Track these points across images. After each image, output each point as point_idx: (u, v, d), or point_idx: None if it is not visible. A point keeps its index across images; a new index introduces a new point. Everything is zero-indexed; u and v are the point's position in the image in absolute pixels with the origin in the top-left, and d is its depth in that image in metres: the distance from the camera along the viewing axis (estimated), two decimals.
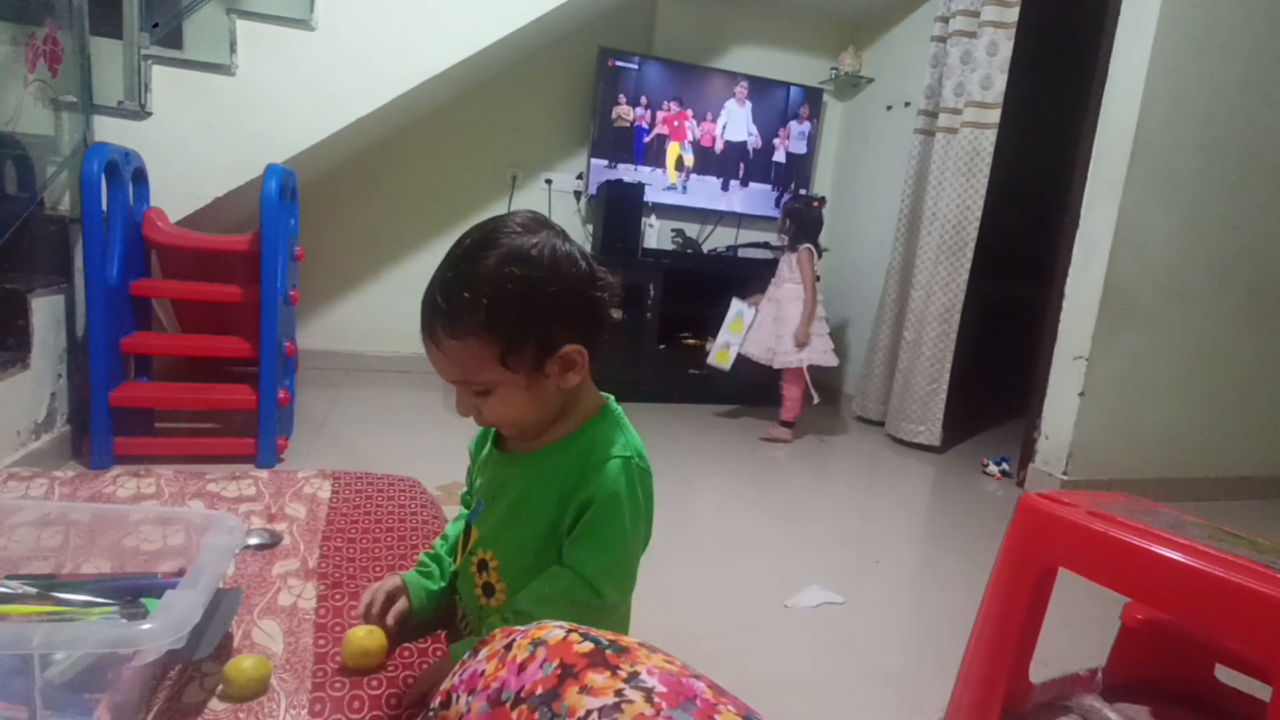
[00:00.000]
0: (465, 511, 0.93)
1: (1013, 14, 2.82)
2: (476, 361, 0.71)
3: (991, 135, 2.89)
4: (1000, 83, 2.85)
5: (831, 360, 3.01)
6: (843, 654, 1.53)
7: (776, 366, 3.01)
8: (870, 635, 1.61)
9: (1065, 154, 2.73)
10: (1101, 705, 1.38)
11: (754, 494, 2.53)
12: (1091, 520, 1.13)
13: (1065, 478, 2.57)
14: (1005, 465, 2.86)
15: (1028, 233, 4.19)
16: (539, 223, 0.75)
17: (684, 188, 3.68)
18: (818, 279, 3.00)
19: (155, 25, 2.23)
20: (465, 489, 0.95)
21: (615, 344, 3.18)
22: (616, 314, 3.24)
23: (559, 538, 0.77)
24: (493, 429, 0.86)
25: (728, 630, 1.57)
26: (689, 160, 3.65)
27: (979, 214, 2.95)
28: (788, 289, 3.00)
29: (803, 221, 3.03)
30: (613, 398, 0.84)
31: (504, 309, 0.69)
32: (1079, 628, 1.61)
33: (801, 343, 2.95)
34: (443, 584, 0.89)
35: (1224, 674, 1.40)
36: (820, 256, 3.03)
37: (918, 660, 1.55)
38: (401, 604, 0.85)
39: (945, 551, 2.16)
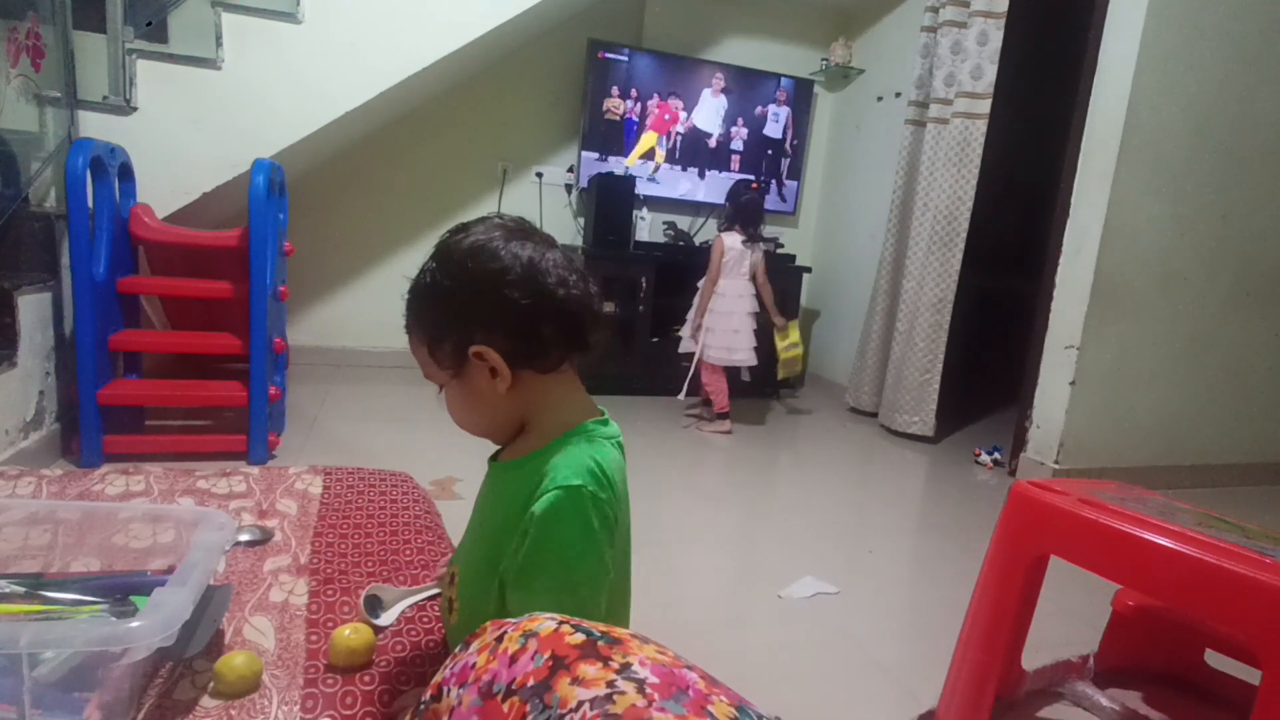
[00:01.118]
0: None
1: (1003, 3, 2.82)
2: (419, 354, 0.76)
3: (982, 125, 2.89)
4: (991, 73, 2.85)
5: (750, 360, 2.93)
6: (837, 643, 1.53)
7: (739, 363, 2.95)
8: (864, 624, 1.62)
9: (1056, 144, 2.73)
10: (1093, 691, 1.39)
11: (746, 485, 2.54)
12: (1082, 508, 1.13)
13: (1057, 466, 2.59)
14: (997, 455, 2.88)
15: (1019, 223, 4.20)
16: (491, 223, 0.75)
17: (678, 176, 3.65)
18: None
19: (149, 24, 2.20)
20: None
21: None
22: (608, 306, 3.22)
23: (505, 560, 0.71)
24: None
25: (721, 621, 1.57)
26: (660, 154, 3.63)
27: (970, 204, 2.96)
28: (742, 284, 2.92)
29: (737, 204, 2.94)
30: (603, 414, 0.78)
31: (421, 305, 0.74)
32: (1071, 614, 1.62)
33: (695, 328, 2.92)
34: None
35: (1214, 659, 1.42)
36: (753, 242, 2.90)
37: (911, 649, 1.56)
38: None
39: (938, 541, 2.17)
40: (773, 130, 3.79)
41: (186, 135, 2.27)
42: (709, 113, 3.68)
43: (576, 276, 0.73)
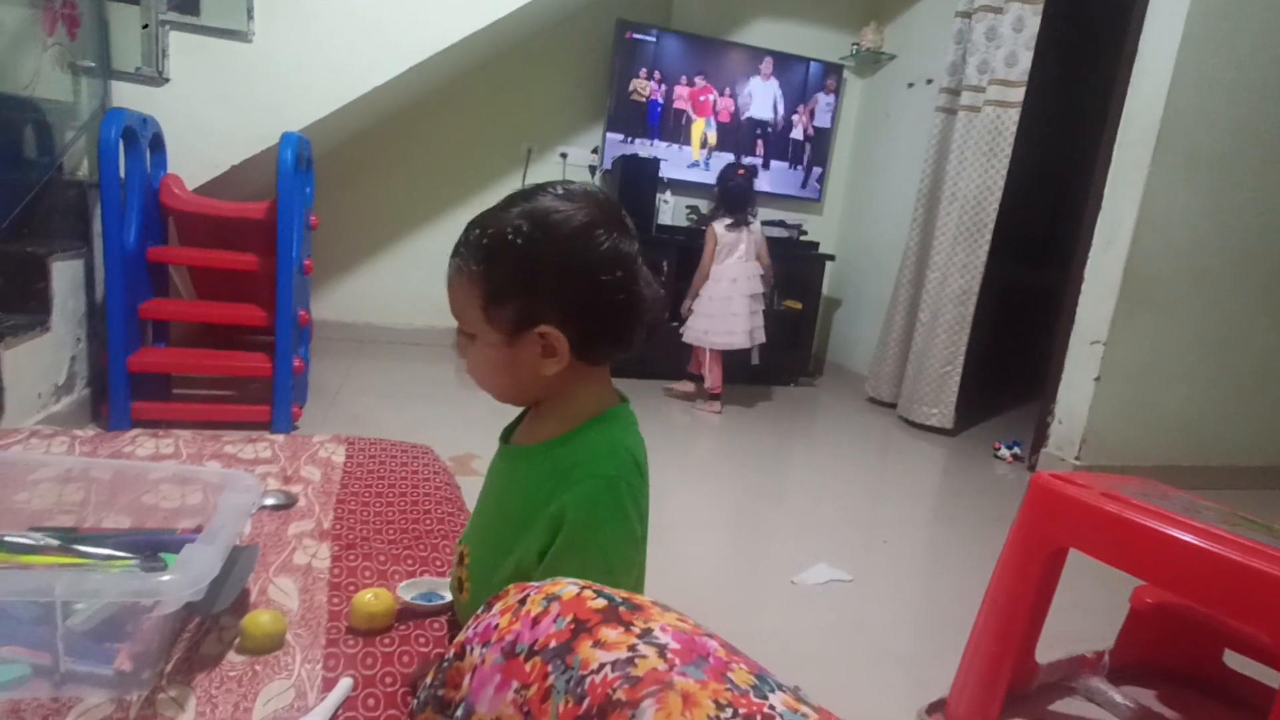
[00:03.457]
0: None
1: None
2: (465, 301, 0.70)
3: (1015, 114, 2.83)
4: (1026, 60, 2.79)
5: (745, 342, 2.96)
6: (849, 631, 1.53)
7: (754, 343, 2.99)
8: (877, 613, 1.62)
9: (1090, 134, 2.68)
10: (1107, 687, 1.38)
11: (762, 472, 2.54)
12: (1105, 501, 1.12)
13: (1078, 462, 2.56)
14: (1017, 449, 2.85)
15: (1048, 214, 4.13)
16: (590, 199, 0.70)
17: (707, 164, 3.64)
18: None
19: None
20: None
21: None
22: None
23: (522, 545, 0.70)
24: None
25: (734, 604, 1.58)
26: (713, 138, 3.61)
27: (999, 194, 2.91)
28: (751, 266, 2.94)
29: (725, 190, 2.95)
30: (628, 402, 0.77)
31: (497, 259, 0.67)
32: (1087, 610, 1.61)
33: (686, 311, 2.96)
34: None
35: (1233, 659, 1.40)
36: (741, 226, 2.91)
37: (923, 638, 1.56)
38: None
39: (954, 533, 2.16)
40: (823, 121, 3.78)
41: (217, 108, 2.29)
42: (764, 98, 3.65)
43: (653, 278, 0.73)
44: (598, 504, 0.67)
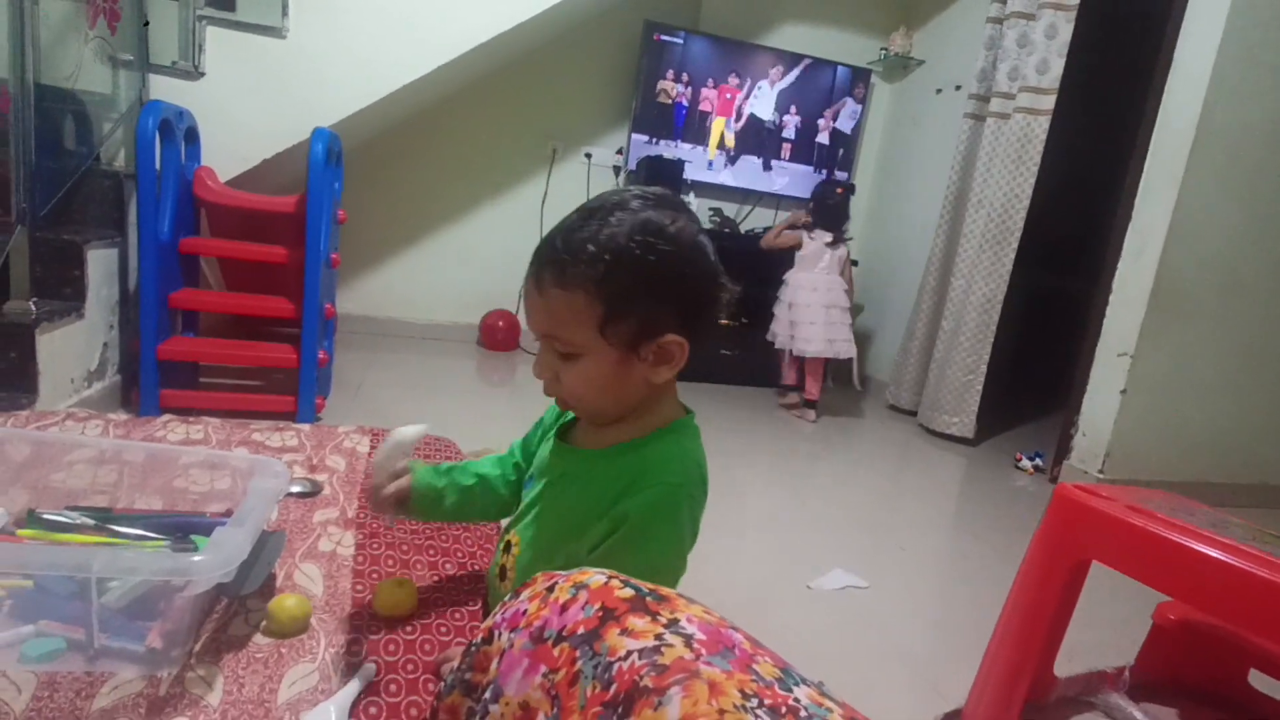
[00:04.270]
0: (509, 453, 0.91)
1: None
2: (575, 319, 0.67)
3: (1045, 122, 2.80)
4: (1058, 67, 2.76)
5: (825, 351, 3.04)
6: (864, 637, 1.53)
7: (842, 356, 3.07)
8: (892, 620, 1.61)
9: (1121, 141, 2.64)
10: (1127, 704, 1.36)
11: (780, 477, 2.53)
12: (1130, 514, 1.11)
13: (1101, 475, 2.52)
14: (1039, 461, 2.81)
15: (1077, 222, 4.07)
16: (676, 204, 0.71)
17: (724, 164, 3.64)
18: (855, 263, 2.98)
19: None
20: (524, 440, 0.91)
21: None
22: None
23: (577, 545, 0.72)
24: (564, 414, 0.82)
25: (749, 607, 1.58)
26: (730, 140, 3.61)
27: (1026, 202, 2.88)
28: (834, 279, 3.03)
29: (823, 205, 3.05)
30: (693, 414, 0.79)
31: (622, 273, 0.66)
32: (1109, 624, 1.59)
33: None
34: (446, 484, 0.86)
35: (1258, 679, 1.38)
36: (839, 243, 3.05)
37: (939, 647, 1.54)
38: (404, 483, 0.82)
39: (973, 543, 2.14)
40: (845, 125, 3.76)
41: (250, 102, 2.33)
42: (765, 101, 3.64)
43: None
44: (658, 510, 0.68)
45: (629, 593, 0.45)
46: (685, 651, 0.40)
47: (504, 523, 0.88)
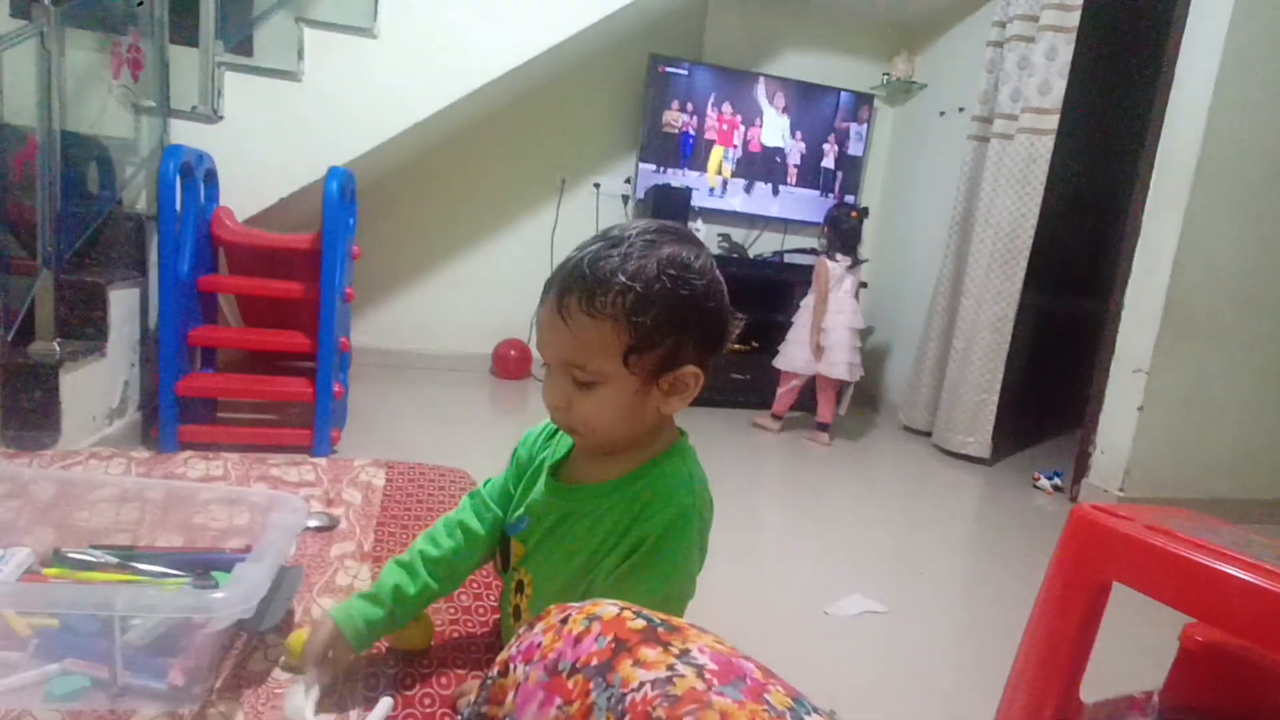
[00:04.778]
0: (473, 502, 0.87)
1: (1074, 18, 2.75)
2: (600, 347, 0.67)
3: (1049, 141, 2.82)
4: (1059, 88, 2.78)
5: (846, 374, 3.03)
6: (884, 664, 1.51)
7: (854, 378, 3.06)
8: (913, 646, 1.58)
9: (1127, 160, 2.66)
10: None
11: (795, 500, 2.52)
12: (1150, 534, 1.09)
13: (1122, 494, 2.49)
14: (1058, 480, 2.78)
15: (1085, 241, 4.07)
16: (693, 239, 0.73)
17: (737, 190, 3.68)
18: (864, 285, 2.99)
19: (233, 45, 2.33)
20: (501, 482, 0.87)
21: None
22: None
23: (593, 577, 0.72)
24: (548, 454, 0.81)
25: (766, 634, 1.56)
26: (728, 170, 3.65)
27: (1034, 221, 2.88)
28: (854, 302, 3.04)
29: (839, 230, 3.05)
30: (686, 435, 0.80)
31: (652, 305, 0.66)
32: (1135, 647, 1.56)
33: (815, 349, 3.01)
34: (399, 600, 0.78)
35: None
36: (855, 266, 3.05)
37: (961, 673, 1.52)
38: (340, 652, 0.76)
39: (993, 564, 2.11)
40: (855, 149, 3.80)
41: (267, 143, 2.39)
42: (774, 128, 3.69)
43: None
44: (672, 531, 0.70)
45: (640, 624, 0.45)
46: (697, 682, 0.40)
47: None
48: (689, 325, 0.69)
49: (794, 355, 3.08)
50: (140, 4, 2.11)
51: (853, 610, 1.68)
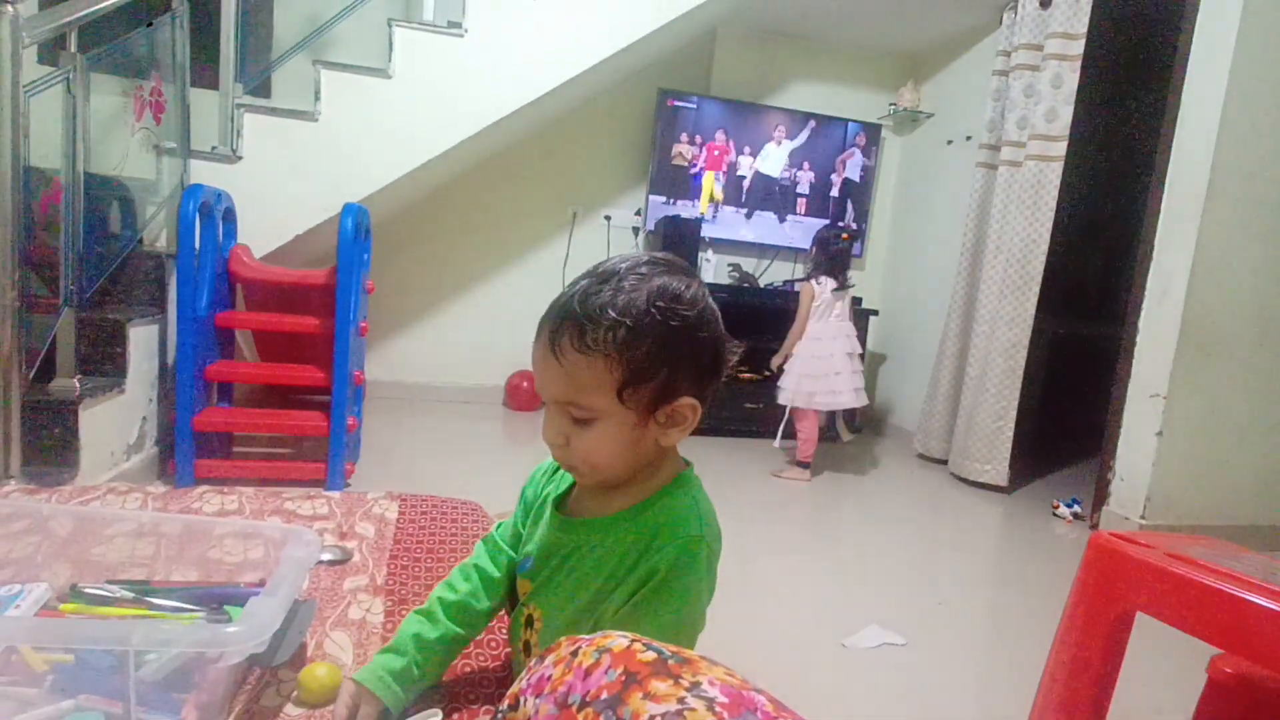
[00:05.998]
0: (486, 546, 0.87)
1: (1078, 46, 2.78)
2: (594, 384, 0.67)
3: (1057, 167, 2.83)
4: (1066, 115, 2.80)
5: (854, 402, 2.91)
6: (903, 696, 1.47)
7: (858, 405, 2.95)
8: (933, 678, 1.55)
9: (1137, 185, 2.66)
10: None
11: (810, 531, 2.49)
12: (1171, 563, 1.07)
13: (1143, 521, 2.44)
14: (1078, 508, 2.74)
15: (1099, 265, 4.06)
16: (686, 269, 0.73)
17: (713, 217, 3.69)
18: (858, 302, 2.89)
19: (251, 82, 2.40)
20: (511, 524, 0.87)
21: None
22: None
23: (601, 607, 0.71)
24: (552, 489, 0.82)
25: (783, 667, 1.54)
26: (719, 194, 3.68)
27: (1045, 247, 2.88)
28: (849, 326, 2.94)
29: (828, 252, 2.92)
30: (692, 465, 0.79)
31: (643, 339, 0.66)
32: (1161, 680, 1.52)
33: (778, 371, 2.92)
34: (420, 647, 0.78)
35: None
36: (843, 289, 2.91)
37: (983, 707, 1.48)
38: (368, 707, 0.74)
39: (1014, 595, 2.07)
40: (853, 173, 3.83)
41: (284, 181, 2.45)
42: (774, 160, 3.73)
43: None
44: (681, 562, 0.69)
45: (651, 655, 0.45)
46: (708, 715, 0.40)
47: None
48: (682, 356, 0.69)
49: (801, 389, 2.88)
50: (150, 25, 2.16)
51: (871, 642, 1.65)
